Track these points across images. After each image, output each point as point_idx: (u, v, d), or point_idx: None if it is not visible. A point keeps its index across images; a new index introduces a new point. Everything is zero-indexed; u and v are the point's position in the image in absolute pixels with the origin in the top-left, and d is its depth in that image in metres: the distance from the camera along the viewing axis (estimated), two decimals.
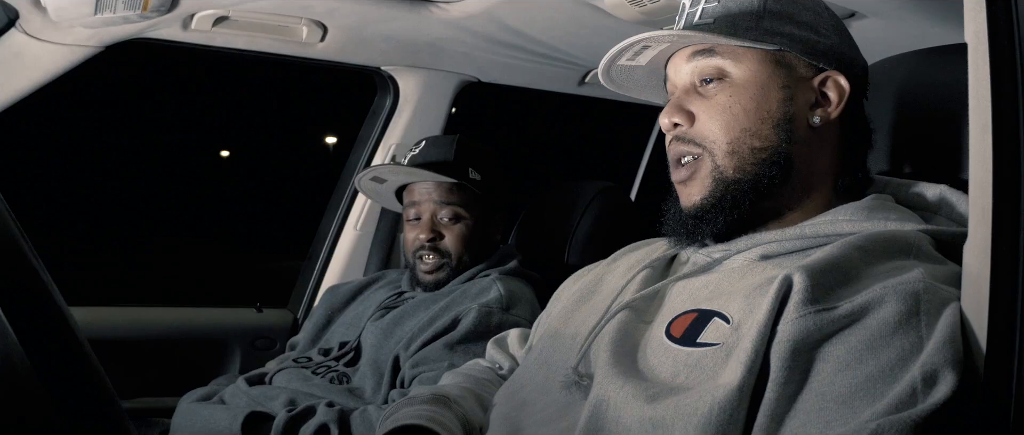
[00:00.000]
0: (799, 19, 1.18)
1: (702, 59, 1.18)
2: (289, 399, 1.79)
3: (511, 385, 1.30)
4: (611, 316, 1.18)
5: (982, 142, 0.90)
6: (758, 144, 1.14)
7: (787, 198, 1.17)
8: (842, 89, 1.17)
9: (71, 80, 2.11)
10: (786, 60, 1.17)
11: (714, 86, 1.17)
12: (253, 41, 2.25)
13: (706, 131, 1.16)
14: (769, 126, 1.14)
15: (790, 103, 1.15)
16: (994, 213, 0.88)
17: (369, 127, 2.69)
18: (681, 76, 1.21)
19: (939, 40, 1.41)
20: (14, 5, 1.89)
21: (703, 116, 1.17)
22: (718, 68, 1.17)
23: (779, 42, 1.15)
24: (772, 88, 1.15)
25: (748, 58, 1.16)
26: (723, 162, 1.15)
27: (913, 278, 0.94)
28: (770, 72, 1.16)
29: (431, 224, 2.04)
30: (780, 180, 1.15)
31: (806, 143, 1.16)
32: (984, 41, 0.92)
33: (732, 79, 1.16)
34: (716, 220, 1.16)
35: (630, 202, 2.46)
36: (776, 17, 1.17)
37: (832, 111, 1.17)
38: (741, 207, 1.15)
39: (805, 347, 0.93)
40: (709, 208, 1.16)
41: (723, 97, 1.16)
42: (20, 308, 0.66)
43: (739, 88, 1.16)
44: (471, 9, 2.14)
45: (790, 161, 1.15)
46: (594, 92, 2.84)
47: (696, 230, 1.18)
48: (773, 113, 1.15)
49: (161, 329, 2.45)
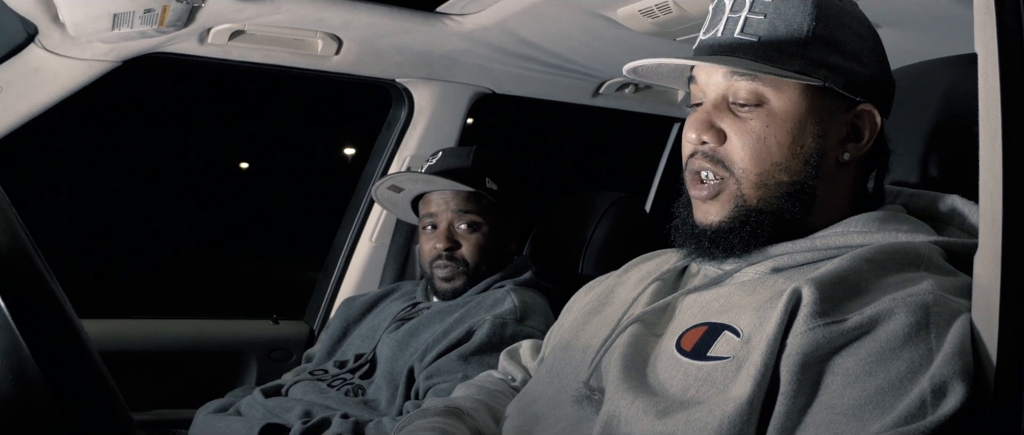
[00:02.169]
0: (845, 47, 1.12)
1: (741, 80, 1.11)
2: (305, 411, 1.80)
3: (523, 398, 1.30)
4: (622, 329, 1.18)
5: (992, 152, 0.90)
6: (786, 179, 1.11)
7: (803, 224, 1.13)
8: (875, 124, 1.14)
9: (91, 93, 2.13)
10: (827, 92, 1.11)
11: (749, 111, 1.11)
12: (269, 54, 2.26)
13: (735, 157, 1.12)
14: (800, 162, 1.11)
15: (824, 138, 1.12)
16: (1004, 224, 0.87)
17: (384, 139, 2.69)
18: (713, 88, 1.15)
19: (952, 50, 1.40)
20: (33, 21, 1.91)
21: (735, 140, 1.12)
22: (758, 94, 1.11)
23: (823, 76, 1.10)
24: (809, 123, 1.11)
25: (790, 88, 1.10)
26: (748, 192, 1.12)
27: (923, 290, 0.94)
28: (809, 106, 1.10)
29: (448, 233, 2.04)
30: (803, 212, 1.12)
31: (833, 177, 1.14)
32: (994, 51, 0.91)
33: (771, 108, 1.11)
34: (731, 242, 1.12)
35: (645, 213, 2.45)
36: (822, 44, 1.11)
37: (864, 146, 1.15)
38: (760, 236, 1.12)
39: (815, 360, 0.93)
40: (727, 231, 1.13)
41: (758, 125, 1.11)
42: (34, 323, 0.67)
43: (777, 119, 1.10)
44: (485, 21, 2.14)
45: (814, 194, 1.12)
46: (609, 103, 2.83)
47: (711, 249, 1.14)
48: (806, 149, 1.11)
49: (178, 341, 2.46)
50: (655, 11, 1.88)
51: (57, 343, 0.67)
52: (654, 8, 1.87)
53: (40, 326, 0.66)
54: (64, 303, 0.69)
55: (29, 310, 0.66)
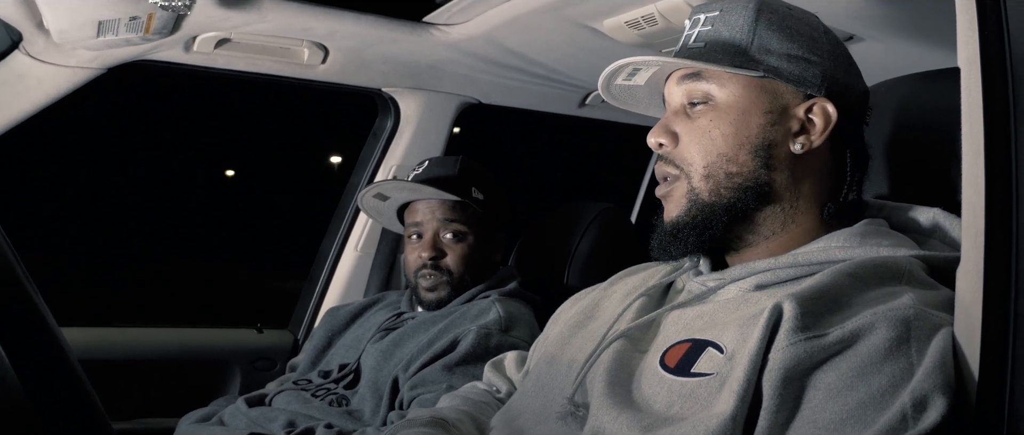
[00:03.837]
0: (790, 45, 1.18)
1: (690, 83, 1.19)
2: (288, 421, 1.79)
3: (509, 412, 1.30)
4: (607, 345, 1.18)
5: (975, 166, 0.91)
6: (734, 169, 1.16)
7: (769, 223, 1.18)
8: (828, 116, 1.16)
9: (76, 101, 2.12)
10: (771, 87, 1.17)
11: (700, 109, 1.19)
12: (255, 63, 2.26)
13: (685, 154, 1.19)
14: (746, 152, 1.16)
15: (771, 129, 1.16)
16: (986, 237, 0.88)
17: (370, 149, 2.69)
18: (673, 97, 1.23)
19: (936, 64, 1.41)
20: (17, 27, 1.90)
21: (685, 138, 1.19)
22: (704, 92, 1.18)
23: (763, 69, 1.16)
24: (753, 114, 1.16)
25: (732, 83, 1.17)
26: (698, 185, 1.17)
27: (903, 304, 0.95)
28: (753, 98, 1.17)
29: (433, 242, 2.04)
30: (756, 206, 1.16)
31: (788, 169, 1.17)
32: (977, 65, 0.92)
33: (716, 103, 1.18)
34: (688, 239, 1.17)
35: (630, 224, 2.45)
36: (765, 42, 1.17)
37: (815, 139, 1.17)
38: (713, 228, 1.16)
39: (796, 375, 0.93)
40: (682, 226, 1.18)
41: (705, 121, 1.18)
42: (12, 331, 0.66)
43: (721, 112, 1.17)
44: (471, 31, 2.15)
45: (769, 187, 1.16)
46: (595, 114, 2.84)
47: (671, 246, 1.19)
48: (752, 139, 1.16)
49: (161, 350, 2.45)
50: (640, 23, 1.89)
51: (35, 351, 0.66)
52: (640, 20, 1.88)
53: (18, 334, 0.66)
54: (43, 311, 0.69)
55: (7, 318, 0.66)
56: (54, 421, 0.65)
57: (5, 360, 0.64)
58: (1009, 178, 0.87)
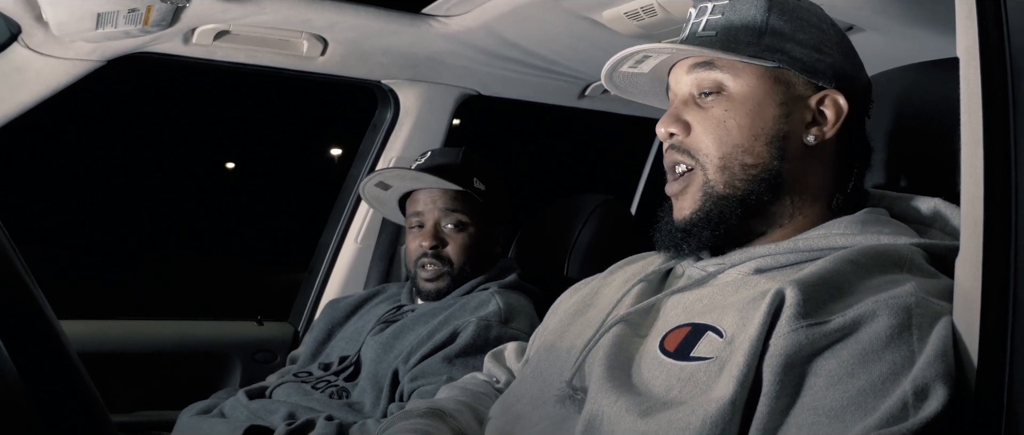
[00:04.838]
0: (802, 36, 1.17)
1: (702, 72, 1.18)
2: (289, 413, 1.79)
3: (506, 399, 1.30)
4: (606, 330, 1.18)
5: (974, 156, 0.91)
6: (749, 161, 1.15)
7: (778, 215, 1.17)
8: (840, 108, 1.16)
9: (75, 93, 2.11)
10: (785, 77, 1.16)
11: (712, 99, 1.17)
12: (254, 55, 2.26)
13: (700, 143, 1.17)
14: (762, 143, 1.15)
15: (785, 121, 1.15)
16: (985, 226, 0.88)
17: (370, 141, 2.69)
18: (681, 87, 1.22)
19: (936, 54, 1.41)
20: (16, 20, 1.90)
21: (698, 128, 1.18)
22: (716, 82, 1.17)
23: (778, 59, 1.15)
24: (768, 105, 1.15)
25: (747, 73, 1.16)
26: (714, 176, 1.16)
27: (905, 292, 0.95)
28: (767, 89, 1.16)
29: (434, 231, 2.04)
30: (770, 197, 1.16)
31: (799, 160, 1.17)
32: (975, 55, 0.92)
33: (729, 93, 1.16)
34: (702, 235, 1.17)
35: (630, 215, 2.46)
36: (778, 33, 1.17)
37: (828, 130, 1.17)
38: (728, 222, 1.16)
39: (797, 361, 0.93)
40: (697, 222, 1.17)
41: (719, 111, 1.16)
42: (11, 324, 0.66)
43: (735, 103, 1.16)
44: (470, 23, 2.14)
45: (781, 178, 1.16)
46: (595, 105, 2.84)
47: (683, 243, 1.18)
48: (767, 130, 1.15)
49: (162, 342, 2.45)
50: (640, 13, 1.88)
51: (35, 344, 0.66)
52: (639, 10, 1.87)
53: (17, 327, 0.66)
54: (42, 304, 0.69)
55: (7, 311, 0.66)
56: (54, 414, 0.65)
57: (4, 353, 0.64)
58: (1008, 167, 0.87)
